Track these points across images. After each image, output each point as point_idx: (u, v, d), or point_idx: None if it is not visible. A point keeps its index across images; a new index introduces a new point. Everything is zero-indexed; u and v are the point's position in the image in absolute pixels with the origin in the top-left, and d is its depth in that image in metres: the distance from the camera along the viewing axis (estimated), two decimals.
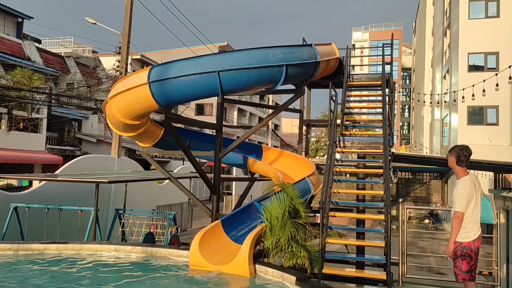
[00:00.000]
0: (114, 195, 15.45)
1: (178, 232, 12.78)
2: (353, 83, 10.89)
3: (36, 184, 14.67)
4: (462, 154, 4.91)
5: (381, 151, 8.35)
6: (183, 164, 28.81)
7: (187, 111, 35.88)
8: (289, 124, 73.22)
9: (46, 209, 10.68)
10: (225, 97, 9.81)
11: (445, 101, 29.27)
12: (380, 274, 6.55)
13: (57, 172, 14.62)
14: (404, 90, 71.85)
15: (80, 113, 30.49)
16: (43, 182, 13.26)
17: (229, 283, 6.76)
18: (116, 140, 17.40)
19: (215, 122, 10.48)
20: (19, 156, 23.88)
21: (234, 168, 23.92)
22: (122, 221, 12.75)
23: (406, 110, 72.11)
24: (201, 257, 7.45)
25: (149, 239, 11.37)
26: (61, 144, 30.07)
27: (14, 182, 22.91)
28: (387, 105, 9.21)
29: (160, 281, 6.87)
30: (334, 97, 10.50)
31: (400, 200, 7.16)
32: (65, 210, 10.68)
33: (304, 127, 12.86)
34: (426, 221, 25.54)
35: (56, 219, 10.59)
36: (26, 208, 10.82)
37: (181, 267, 7.61)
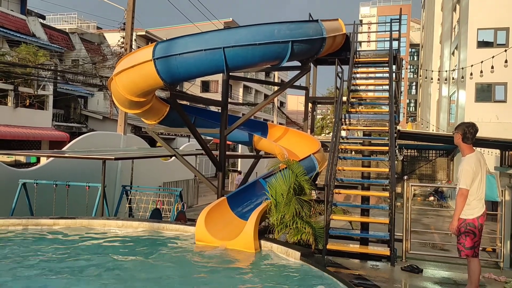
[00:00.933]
0: (120, 171, 15.60)
1: (184, 209, 12.93)
2: (360, 59, 10.76)
3: (43, 161, 14.81)
4: (468, 131, 4.90)
5: (387, 128, 8.32)
6: (188, 142, 28.90)
7: (193, 88, 35.74)
8: (294, 102, 72.89)
9: (54, 185, 10.82)
10: (230, 74, 9.74)
11: (453, 78, 28.92)
12: (384, 250, 6.63)
13: (64, 148, 14.74)
14: (411, 67, 70.92)
15: (86, 90, 30.48)
16: (51, 158, 13.39)
17: (234, 258, 6.87)
18: (122, 117, 17.44)
19: (221, 99, 10.45)
20: (26, 133, 24.04)
21: (240, 145, 23.98)
22: (129, 197, 12.91)
23: (413, 87, 71.37)
24: (207, 232, 7.56)
25: (156, 215, 11.52)
26: (67, 121, 30.20)
27: (22, 159, 23.13)
28: (394, 82, 9.12)
29: (167, 255, 7.00)
30: (340, 74, 10.41)
31: (405, 177, 7.18)
32: (73, 186, 10.81)
33: (310, 105, 12.79)
34: (431, 198, 25.63)
35: (64, 195, 10.74)
36: (35, 184, 10.97)
37: (188, 242, 7.73)
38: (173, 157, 15.38)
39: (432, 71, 34.27)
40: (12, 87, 23.83)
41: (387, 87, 9.64)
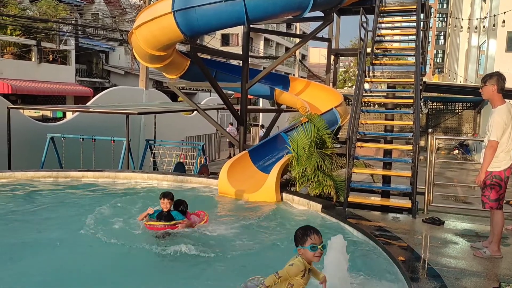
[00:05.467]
0: (144, 126, 15.84)
1: (207, 162, 13.15)
2: (385, 8, 10.30)
3: (69, 116, 15.14)
4: (502, 81, 4.74)
5: (412, 80, 8.09)
6: (209, 96, 28.89)
7: (213, 41, 35.23)
8: (316, 54, 71.19)
9: (80, 139, 11.11)
10: (251, 26, 9.53)
11: (483, 26, 27.55)
12: (405, 203, 6.65)
13: (88, 103, 14.98)
14: (440, 15, 67.69)
15: (107, 45, 30.45)
16: (76, 113, 13.68)
17: (257, 209, 7.03)
18: (144, 72, 17.48)
19: (241, 53, 10.29)
20: (51, 88, 24.44)
21: (261, 99, 23.83)
22: (153, 151, 13.17)
23: (442, 37, 68.51)
24: (230, 185, 7.72)
25: (180, 169, 11.77)
26: (90, 76, 30.49)
27: (49, 114, 23.68)
28: (421, 32, 8.75)
29: (193, 204, 7.20)
30: (364, 24, 10.04)
31: (430, 130, 7.05)
32: (99, 140, 11.07)
33: (333, 57, 12.48)
34: (456, 151, 25.24)
35: (91, 149, 11.04)
36: (62, 138, 11.27)
37: (211, 194, 7.93)
38: (195, 112, 15.46)
39: (462, 19, 32.65)
40: (35, 42, 23.99)
41: (414, 37, 9.27)
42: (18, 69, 23.15)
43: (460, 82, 32.74)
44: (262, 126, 23.39)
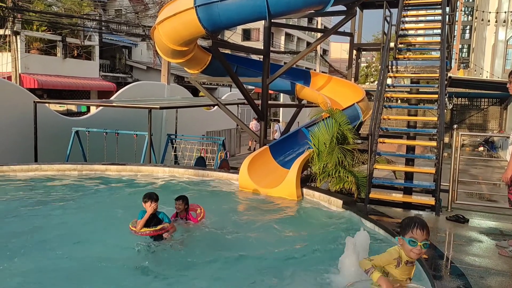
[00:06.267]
0: (165, 121, 16.00)
1: (227, 157, 13.21)
2: (410, 1, 10.11)
3: (93, 110, 15.43)
4: None
5: (437, 75, 7.93)
6: (230, 91, 28.97)
7: (234, 36, 35.26)
8: (338, 49, 70.42)
9: (104, 133, 11.31)
10: (272, 21, 9.49)
11: (511, 20, 26.75)
12: (429, 200, 6.55)
13: (111, 98, 15.23)
14: (466, 9, 65.98)
15: (130, 40, 30.85)
16: (100, 107, 13.91)
17: (277, 204, 7.04)
18: (165, 67, 17.64)
19: (262, 47, 10.27)
20: (76, 83, 24.95)
21: (282, 94, 23.78)
22: (174, 145, 13.31)
23: (467, 31, 66.76)
24: (250, 180, 7.74)
25: (200, 163, 11.86)
26: (113, 72, 30.95)
27: (73, 108, 24.17)
28: (446, 25, 8.57)
29: (214, 198, 7.27)
30: (388, 18, 9.88)
31: (455, 126, 6.90)
32: (121, 134, 11.25)
33: (355, 52, 12.33)
34: (481, 148, 24.66)
35: (114, 143, 11.23)
36: (86, 132, 11.50)
37: (231, 189, 7.97)
38: (216, 107, 15.53)
39: (489, 12, 31.79)
40: (60, 38, 24.49)
41: (439, 31, 9.08)
42: (44, 64, 23.69)
43: (486, 77, 31.91)
44: (278, 121, 23.33)
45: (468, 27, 66.49)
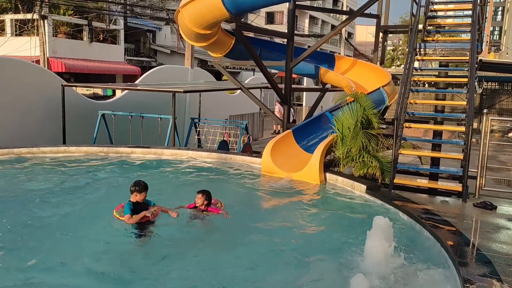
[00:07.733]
0: (189, 104, 16.08)
1: (250, 141, 13.22)
2: None
3: (119, 93, 15.64)
4: None
5: (467, 58, 7.68)
6: (253, 75, 28.84)
7: (257, 19, 34.93)
8: (363, 32, 68.95)
9: (129, 117, 11.47)
10: (296, 3, 9.34)
11: None
12: (455, 186, 6.42)
13: (136, 82, 15.38)
14: None
15: (154, 24, 30.96)
16: (125, 91, 14.08)
17: (300, 189, 7.03)
18: (189, 51, 17.65)
19: (286, 31, 10.15)
20: (102, 67, 25.30)
21: (305, 78, 23.51)
22: (198, 129, 13.40)
23: (499, 12, 64.19)
24: (273, 164, 7.74)
25: (223, 147, 11.92)
26: (138, 56, 31.20)
27: (99, 91, 24.57)
28: (478, 6, 8.25)
29: (237, 182, 7.32)
30: None
31: (485, 111, 6.70)
32: (146, 118, 11.39)
33: (381, 34, 12.02)
34: (511, 134, 23.95)
35: (139, 126, 11.39)
36: (112, 115, 11.69)
37: (254, 173, 7.99)
38: (239, 91, 15.49)
39: None
40: (86, 22, 24.79)
41: (470, 12, 8.75)
42: (70, 48, 24.08)
43: None
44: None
45: (500, 8, 63.89)
